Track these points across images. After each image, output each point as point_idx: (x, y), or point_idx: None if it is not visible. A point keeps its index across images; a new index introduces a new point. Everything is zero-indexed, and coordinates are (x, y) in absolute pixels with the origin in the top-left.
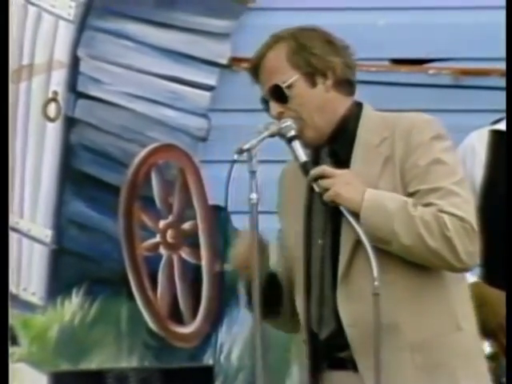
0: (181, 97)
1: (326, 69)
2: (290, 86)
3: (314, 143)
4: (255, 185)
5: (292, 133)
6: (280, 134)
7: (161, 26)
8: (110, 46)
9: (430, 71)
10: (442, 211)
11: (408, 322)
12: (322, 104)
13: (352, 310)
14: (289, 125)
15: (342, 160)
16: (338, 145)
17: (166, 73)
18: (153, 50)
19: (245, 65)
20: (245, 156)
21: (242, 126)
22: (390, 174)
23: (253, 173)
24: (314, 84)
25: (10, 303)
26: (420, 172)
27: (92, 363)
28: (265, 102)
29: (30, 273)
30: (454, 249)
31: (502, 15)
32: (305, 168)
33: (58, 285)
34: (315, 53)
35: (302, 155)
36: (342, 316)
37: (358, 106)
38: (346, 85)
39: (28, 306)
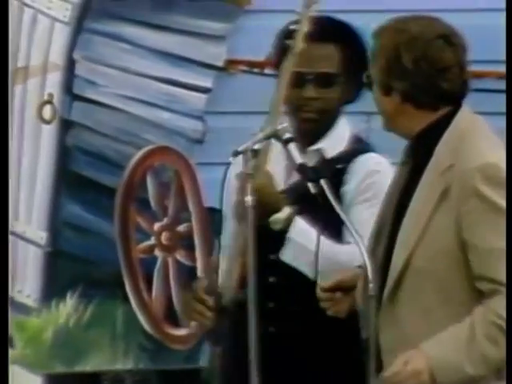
0: (177, 99)
1: (387, 88)
2: (367, 83)
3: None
4: (250, 187)
5: (287, 135)
6: (276, 136)
7: (157, 28)
8: (105, 49)
9: None
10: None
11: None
12: (395, 112)
13: (391, 337)
14: (284, 127)
15: (418, 167)
16: (417, 151)
17: (162, 75)
18: (149, 53)
19: (241, 67)
20: (240, 158)
21: (237, 129)
22: (446, 209)
23: (248, 175)
24: (387, 93)
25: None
26: (474, 223)
27: (87, 365)
28: None
29: (24, 275)
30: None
31: (492, 18)
32: (300, 169)
33: (53, 287)
34: (376, 71)
35: (298, 157)
36: (381, 341)
37: (449, 118)
38: (425, 103)
39: (23, 308)
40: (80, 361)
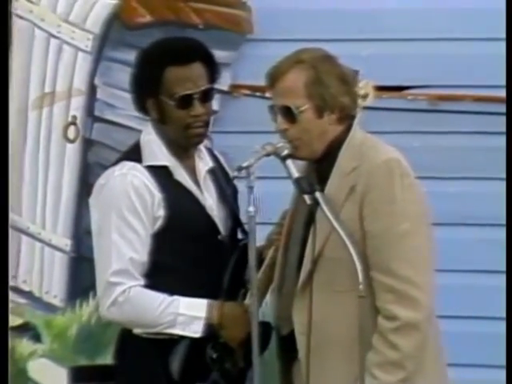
0: None
1: (335, 107)
2: (300, 112)
3: (304, 160)
4: (253, 199)
5: (286, 152)
6: (275, 153)
7: None
8: (123, 75)
9: (409, 97)
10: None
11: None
12: (323, 133)
13: (304, 319)
14: (283, 145)
15: (323, 178)
16: (322, 165)
17: None
18: None
19: (244, 91)
20: (244, 173)
21: (240, 147)
22: (352, 203)
23: (251, 188)
24: (320, 116)
25: (32, 304)
26: (372, 212)
27: (107, 359)
28: (273, 110)
29: (51, 278)
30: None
31: (468, 47)
32: (297, 183)
33: (77, 288)
34: (331, 91)
35: (295, 172)
36: (295, 324)
37: (346, 131)
38: (347, 118)
39: (50, 308)
40: (101, 354)
